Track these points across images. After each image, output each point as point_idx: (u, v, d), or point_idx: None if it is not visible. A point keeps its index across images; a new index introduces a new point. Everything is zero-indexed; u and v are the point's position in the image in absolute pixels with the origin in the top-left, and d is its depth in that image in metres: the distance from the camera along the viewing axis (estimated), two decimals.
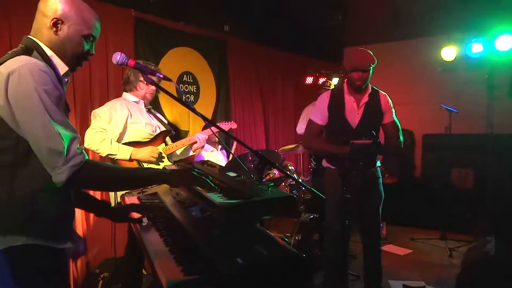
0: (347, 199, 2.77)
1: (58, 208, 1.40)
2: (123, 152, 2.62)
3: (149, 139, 2.80)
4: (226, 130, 3.16)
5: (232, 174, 1.91)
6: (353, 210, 2.88)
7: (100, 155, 2.65)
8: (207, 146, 4.00)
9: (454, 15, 5.11)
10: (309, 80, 5.87)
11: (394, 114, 3.02)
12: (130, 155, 2.63)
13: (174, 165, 2.49)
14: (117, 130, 2.67)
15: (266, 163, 1.82)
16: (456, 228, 4.78)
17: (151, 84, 1.88)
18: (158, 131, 2.87)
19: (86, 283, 3.23)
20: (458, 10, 4.90)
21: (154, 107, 3.06)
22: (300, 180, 3.89)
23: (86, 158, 1.32)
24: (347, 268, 3.27)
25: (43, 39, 1.41)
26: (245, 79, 5.18)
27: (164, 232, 1.65)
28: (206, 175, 1.57)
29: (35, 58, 1.34)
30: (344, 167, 2.82)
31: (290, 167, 3.94)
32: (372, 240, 3.06)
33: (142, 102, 2.87)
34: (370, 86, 2.99)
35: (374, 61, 2.87)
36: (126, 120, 2.73)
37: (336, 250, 2.90)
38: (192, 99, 4.43)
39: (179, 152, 2.98)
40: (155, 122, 2.90)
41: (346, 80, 2.99)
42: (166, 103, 4.08)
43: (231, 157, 4.09)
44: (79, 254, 3.24)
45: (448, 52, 5.45)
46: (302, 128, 4.93)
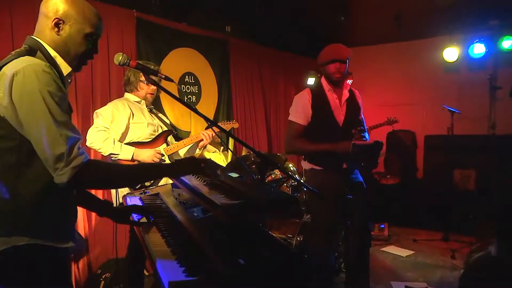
0: (348, 200, 2.77)
1: (61, 208, 1.40)
2: (125, 152, 2.62)
3: (150, 139, 2.80)
4: (228, 129, 3.16)
5: (234, 175, 1.92)
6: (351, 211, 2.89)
7: (102, 154, 2.65)
8: (209, 146, 4.00)
9: (456, 16, 5.10)
10: (311, 80, 5.86)
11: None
12: (132, 155, 2.64)
13: None
14: (119, 129, 2.68)
15: (268, 164, 1.82)
16: (458, 229, 4.77)
17: (152, 84, 1.88)
18: (160, 131, 2.88)
19: (88, 284, 3.23)
20: (460, 10, 4.89)
21: (155, 107, 3.07)
22: (302, 181, 3.89)
23: (88, 158, 1.32)
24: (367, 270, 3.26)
25: (46, 40, 1.42)
26: (247, 79, 5.18)
27: (166, 233, 1.65)
28: (208, 160, 1.59)
29: (39, 59, 1.35)
30: (339, 166, 2.83)
31: (292, 168, 3.94)
32: (363, 241, 3.00)
33: (143, 102, 2.88)
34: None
35: (350, 53, 2.85)
36: (128, 120, 2.74)
37: (327, 251, 2.89)
38: (193, 100, 4.43)
39: (182, 152, 2.98)
40: (157, 122, 2.91)
41: (323, 77, 2.92)
42: (168, 103, 4.09)
43: (232, 158, 4.09)
44: (81, 255, 3.24)
45: (450, 53, 5.45)
46: None
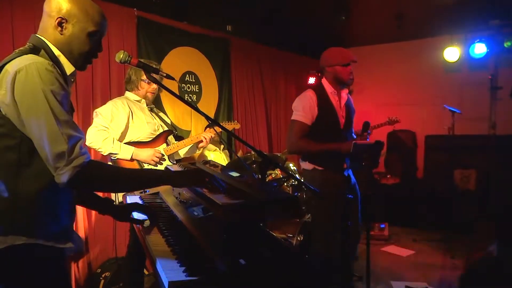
0: (349, 200, 2.76)
1: (60, 208, 1.40)
2: (124, 152, 2.61)
3: (150, 139, 2.79)
4: (229, 130, 3.14)
5: (235, 174, 1.91)
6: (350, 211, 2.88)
7: (101, 154, 2.64)
8: (209, 145, 4.00)
9: (457, 15, 5.09)
10: (311, 80, 5.86)
11: None
12: (132, 155, 2.62)
13: (176, 164, 2.48)
14: (119, 128, 2.67)
15: (269, 163, 1.81)
16: (459, 229, 4.76)
17: (154, 82, 1.87)
18: (161, 131, 2.86)
19: (87, 283, 3.23)
20: (461, 10, 4.88)
21: (156, 106, 3.06)
22: (302, 180, 3.89)
23: (90, 159, 1.31)
24: (351, 269, 3.27)
25: (50, 39, 1.41)
26: (247, 79, 5.17)
27: (166, 232, 1.65)
28: (213, 176, 1.56)
29: (43, 58, 1.34)
30: (340, 167, 2.83)
31: (292, 167, 3.93)
32: (355, 240, 3.04)
33: (143, 101, 2.86)
34: None
35: None
36: (128, 119, 2.72)
37: (330, 251, 2.85)
38: (194, 98, 4.43)
39: (182, 152, 2.97)
40: (157, 121, 2.89)
41: (325, 79, 2.89)
42: (168, 102, 4.08)
43: (233, 157, 4.08)
44: (80, 254, 3.24)
45: (451, 53, 5.44)
46: None
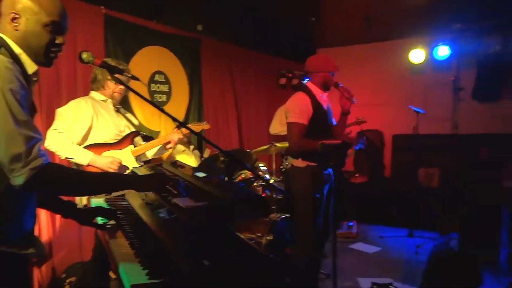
0: (316, 198, 2.83)
1: (22, 213, 1.36)
2: (82, 157, 2.50)
3: (116, 140, 2.72)
4: (198, 131, 3.12)
5: (201, 175, 1.90)
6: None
7: (59, 157, 2.56)
8: (178, 146, 3.96)
9: (422, 18, 5.26)
10: (282, 81, 5.90)
11: None
12: (89, 161, 2.53)
13: (142, 166, 2.45)
14: (81, 130, 2.58)
15: (236, 164, 1.82)
16: (423, 225, 4.92)
17: (119, 83, 1.84)
18: (127, 132, 2.80)
19: None
20: (426, 13, 5.05)
21: (124, 106, 2.99)
22: (272, 181, 3.92)
23: (48, 161, 1.28)
24: (320, 267, 3.34)
25: (9, 36, 1.36)
26: (218, 79, 5.16)
27: (131, 234, 1.63)
28: (177, 181, 1.54)
29: (3, 55, 1.29)
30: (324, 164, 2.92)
31: (262, 168, 3.95)
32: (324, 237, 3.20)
33: (110, 101, 2.78)
34: None
35: None
36: (92, 120, 2.63)
37: (314, 249, 2.96)
38: (164, 99, 4.38)
39: (149, 153, 2.92)
40: (123, 122, 2.82)
41: (311, 82, 3.07)
42: (137, 102, 4.01)
43: (203, 157, 4.06)
44: (43, 259, 3.13)
45: (417, 55, 5.61)
46: (276, 128, 4.96)
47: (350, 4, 4.91)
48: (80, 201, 2.58)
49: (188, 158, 4.00)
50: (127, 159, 2.71)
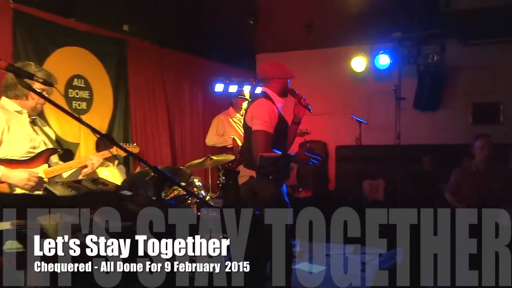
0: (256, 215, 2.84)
1: None
2: None
3: (28, 157, 2.53)
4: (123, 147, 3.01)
5: (127, 193, 1.86)
6: None
7: None
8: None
9: (363, 26, 5.57)
10: (219, 87, 5.92)
11: None
12: (0, 176, 2.37)
13: (58, 183, 2.31)
14: None
15: (165, 180, 1.79)
16: (369, 241, 5.12)
17: (26, 89, 1.74)
18: (43, 148, 2.62)
19: None
20: (366, 21, 5.36)
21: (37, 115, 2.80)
22: (208, 197, 3.90)
23: None
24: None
25: None
26: (147, 84, 5.06)
27: None
28: None
29: None
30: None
31: (197, 183, 3.91)
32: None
33: (25, 111, 2.59)
34: None
35: None
36: (2, 133, 2.45)
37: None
38: (83, 107, 4.21)
39: (65, 175, 2.75)
40: (40, 137, 2.63)
41: (270, 89, 3.11)
42: (52, 111, 3.81)
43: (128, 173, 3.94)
44: None
45: (358, 63, 5.93)
46: (212, 140, 4.95)
47: (291, 8, 5.08)
48: None
49: (114, 174, 3.86)
50: None
